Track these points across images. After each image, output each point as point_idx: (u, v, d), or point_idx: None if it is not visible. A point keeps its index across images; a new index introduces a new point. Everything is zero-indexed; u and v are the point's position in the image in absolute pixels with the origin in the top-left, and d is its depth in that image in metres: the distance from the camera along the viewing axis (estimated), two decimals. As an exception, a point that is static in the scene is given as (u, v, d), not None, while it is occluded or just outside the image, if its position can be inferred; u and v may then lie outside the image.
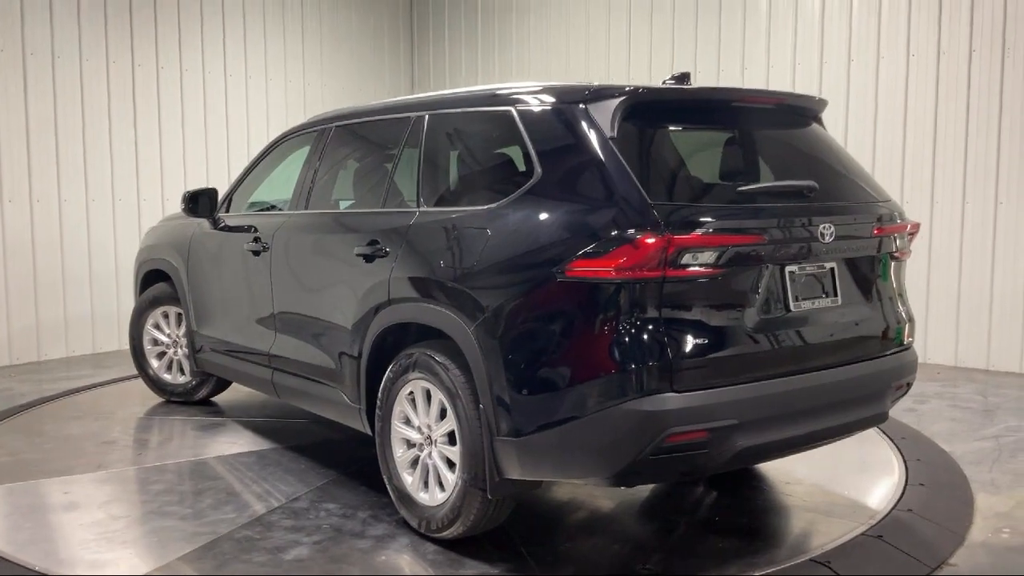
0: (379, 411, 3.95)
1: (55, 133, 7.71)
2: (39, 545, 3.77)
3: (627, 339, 3.06)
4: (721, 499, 4.31)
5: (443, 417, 3.66)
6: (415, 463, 3.83)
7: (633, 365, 3.04)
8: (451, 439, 3.61)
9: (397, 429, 3.89)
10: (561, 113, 3.47)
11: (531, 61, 9.65)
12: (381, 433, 3.95)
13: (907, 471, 4.60)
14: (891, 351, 3.76)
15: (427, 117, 4.08)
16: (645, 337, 3.06)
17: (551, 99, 3.55)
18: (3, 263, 7.47)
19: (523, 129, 3.56)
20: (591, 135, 3.32)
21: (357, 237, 4.14)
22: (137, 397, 6.29)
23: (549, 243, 3.26)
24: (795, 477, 4.52)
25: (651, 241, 3.03)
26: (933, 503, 4.23)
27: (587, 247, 3.11)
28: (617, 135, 3.30)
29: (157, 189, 8.37)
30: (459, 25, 10.31)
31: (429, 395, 3.73)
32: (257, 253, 4.89)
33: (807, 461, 4.60)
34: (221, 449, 5.13)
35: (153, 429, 5.66)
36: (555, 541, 3.79)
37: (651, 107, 3.48)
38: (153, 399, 6.19)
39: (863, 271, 3.69)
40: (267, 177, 5.39)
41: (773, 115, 3.86)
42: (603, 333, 3.09)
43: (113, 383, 6.83)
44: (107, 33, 8.00)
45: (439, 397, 3.65)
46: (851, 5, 7.50)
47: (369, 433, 4.12)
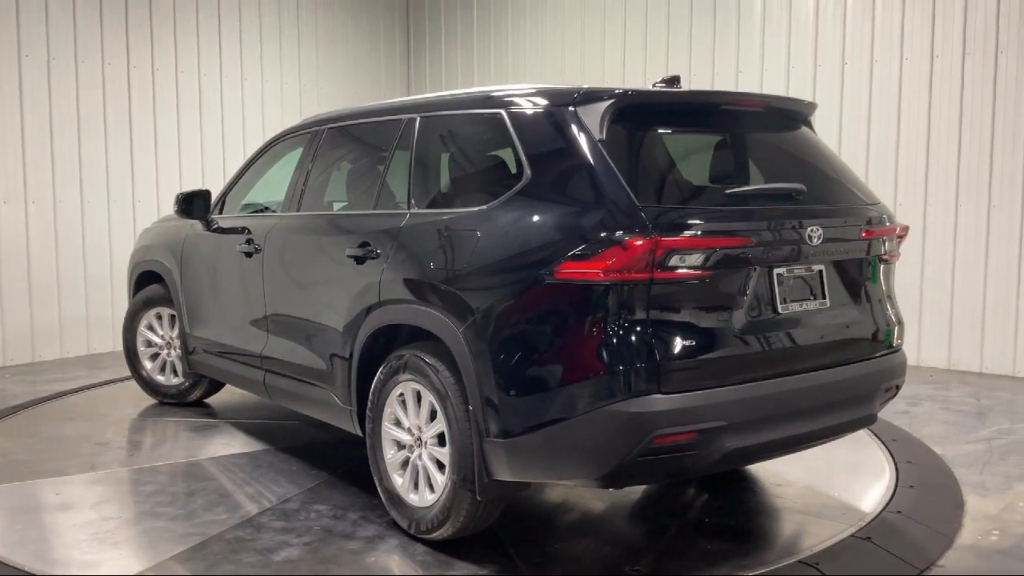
0: (370, 412, 3.96)
1: (50, 134, 7.72)
2: (30, 545, 3.78)
3: (615, 341, 3.07)
4: (712, 501, 4.32)
5: (433, 418, 3.67)
6: (405, 464, 3.84)
7: (621, 367, 3.05)
8: (441, 440, 3.62)
9: (387, 430, 3.90)
10: (550, 116, 3.48)
11: (526, 64, 9.66)
12: (372, 435, 3.96)
13: (897, 473, 4.62)
14: (880, 353, 3.77)
15: (418, 119, 4.10)
16: (633, 339, 3.07)
17: (540, 102, 3.56)
18: (-2, 264, 7.50)
19: (513, 131, 3.57)
20: (580, 138, 3.34)
21: (348, 239, 4.15)
22: (130, 398, 6.29)
23: (538, 245, 3.27)
24: (786, 479, 4.53)
25: (639, 243, 3.04)
26: (923, 505, 4.24)
27: (575, 249, 3.12)
28: (606, 137, 3.32)
29: (152, 190, 8.38)
30: (455, 28, 10.33)
31: (419, 397, 3.74)
32: (250, 255, 4.90)
33: (798, 463, 4.62)
34: (213, 450, 5.13)
35: (146, 430, 5.67)
36: (545, 542, 3.80)
37: (640, 110, 3.49)
38: (146, 400, 6.20)
39: (852, 274, 3.70)
40: (260, 179, 5.40)
41: (762, 118, 3.88)
42: (591, 335, 3.10)
43: (107, 384, 6.84)
44: (103, 34, 8.01)
45: (429, 399, 3.65)
46: (845, 8, 7.53)
47: (360, 435, 4.13)
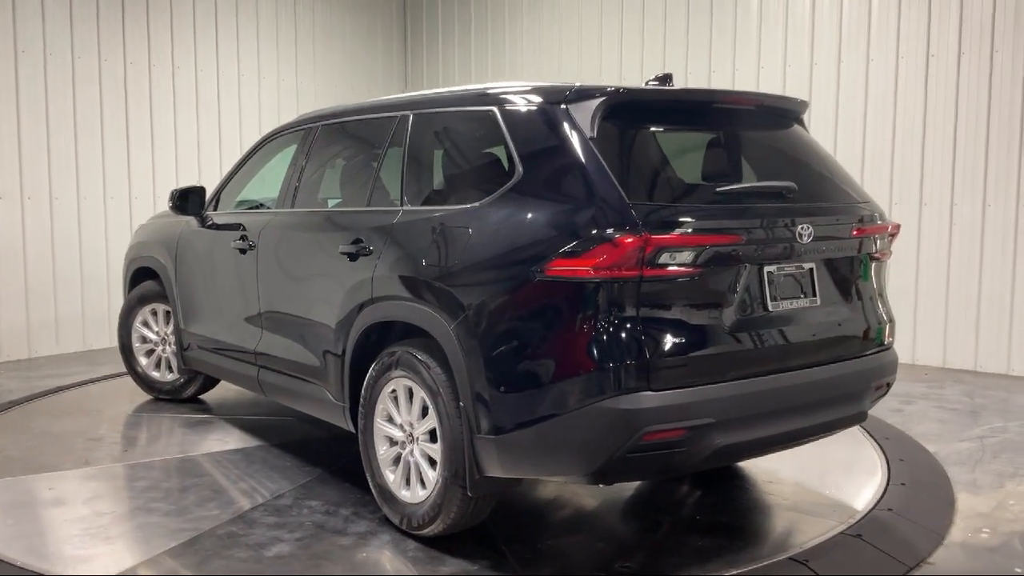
0: (362, 409, 3.97)
1: (46, 130, 7.72)
2: (23, 540, 3.79)
3: (604, 338, 3.08)
4: (704, 498, 4.33)
5: (425, 415, 3.68)
6: (397, 460, 3.85)
7: (610, 364, 3.06)
8: (433, 437, 3.63)
9: (380, 427, 3.90)
10: (542, 113, 3.49)
11: (523, 61, 9.67)
12: (364, 431, 3.97)
13: (889, 471, 4.63)
14: (871, 351, 3.78)
15: (411, 116, 4.10)
16: (622, 336, 3.08)
17: (532, 99, 3.57)
18: (-6, 259, 7.50)
19: (505, 129, 3.57)
20: (571, 135, 3.34)
21: (342, 235, 4.15)
22: (126, 394, 6.30)
23: (528, 243, 3.28)
24: (777, 476, 4.54)
25: (629, 240, 3.05)
26: (914, 503, 4.25)
27: (566, 246, 3.13)
28: (597, 135, 3.32)
29: (149, 187, 8.38)
30: (452, 25, 10.33)
31: (411, 393, 3.75)
32: (244, 251, 4.91)
33: (790, 461, 4.63)
34: (207, 446, 5.14)
35: (140, 426, 5.68)
36: (537, 539, 3.81)
37: (632, 108, 3.49)
38: (142, 396, 6.21)
39: (843, 272, 3.71)
40: (254, 175, 5.41)
41: (754, 116, 3.88)
42: (581, 332, 3.10)
43: (102, 380, 6.84)
44: (99, 30, 8.01)
45: (421, 395, 3.66)
46: (841, 7, 7.53)
47: (352, 431, 4.13)
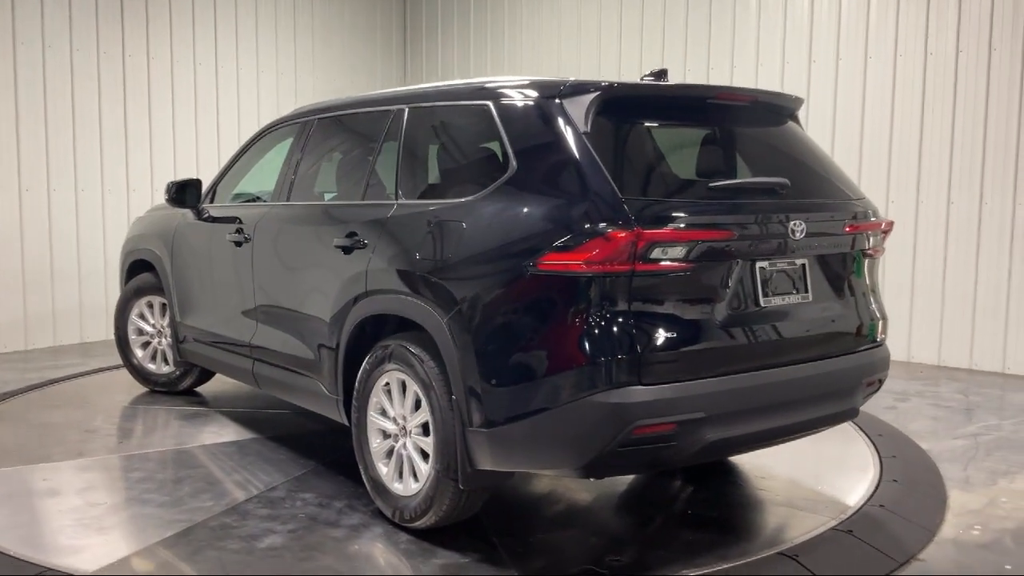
0: (356, 402, 3.98)
1: (45, 122, 7.73)
2: (16, 530, 3.80)
3: (596, 332, 3.09)
4: (697, 493, 4.34)
5: (418, 408, 3.69)
6: (390, 453, 3.86)
7: (601, 358, 3.07)
8: (425, 430, 3.64)
9: (373, 420, 3.92)
10: (536, 108, 3.50)
11: (522, 56, 9.67)
12: (357, 424, 3.98)
13: (882, 467, 4.64)
14: (863, 347, 3.79)
15: (407, 110, 4.11)
16: (614, 330, 3.09)
17: (527, 94, 3.57)
18: (-9, 251, 7.51)
19: (499, 123, 3.58)
20: (565, 130, 3.35)
21: (336, 229, 4.16)
22: (121, 386, 6.31)
23: (521, 237, 3.29)
24: (770, 472, 4.55)
25: (621, 235, 3.05)
26: (906, 499, 4.26)
27: (558, 241, 3.14)
28: (591, 130, 3.33)
29: (147, 179, 8.39)
30: (451, 20, 10.33)
31: (404, 386, 3.75)
32: (239, 244, 4.92)
33: (783, 457, 4.64)
34: (202, 438, 5.15)
35: (136, 418, 5.69)
36: (529, 532, 3.82)
37: (625, 103, 3.50)
38: (138, 389, 6.22)
39: (835, 268, 3.72)
40: (251, 168, 5.42)
41: (748, 113, 3.89)
42: (573, 326, 3.11)
43: (98, 372, 6.86)
44: (98, 23, 8.01)
45: (414, 388, 3.67)
46: (840, 5, 7.53)
47: (346, 424, 4.14)
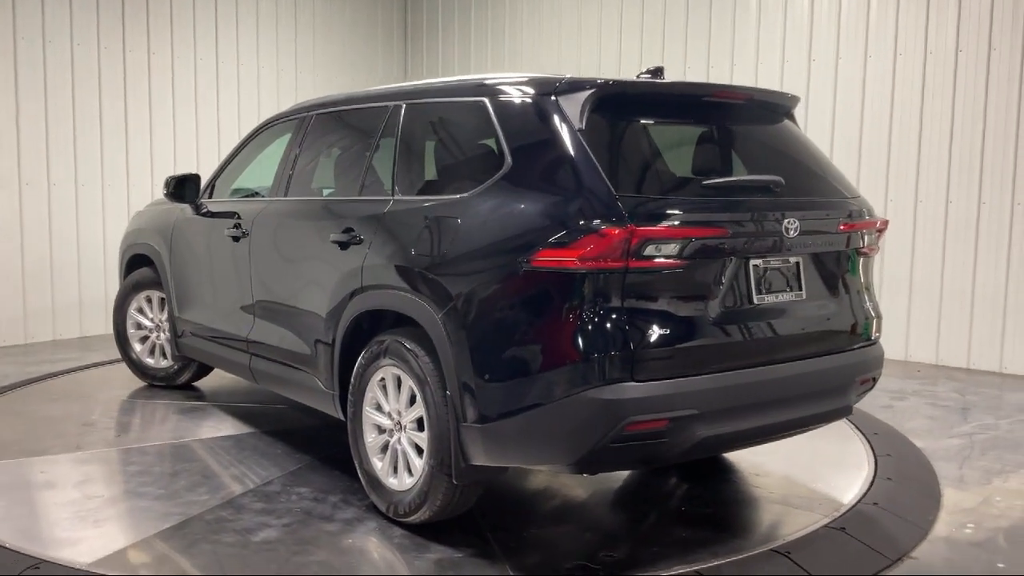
0: (351, 397, 3.99)
1: (45, 117, 7.74)
2: (13, 522, 3.82)
3: (589, 328, 3.10)
4: (692, 490, 4.36)
5: (413, 403, 3.70)
6: (385, 448, 3.87)
7: (594, 354, 3.08)
8: (420, 425, 3.65)
9: (368, 415, 3.93)
10: (532, 104, 3.50)
11: (523, 53, 9.67)
12: (353, 419, 3.99)
13: (876, 466, 4.65)
14: (856, 346, 3.80)
15: (404, 106, 4.12)
16: (607, 327, 3.10)
17: (522, 90, 3.58)
18: (-9, 245, 7.53)
19: (495, 119, 3.59)
20: (560, 127, 3.36)
21: (333, 224, 4.17)
22: (120, 381, 6.33)
23: (515, 233, 3.29)
24: (764, 470, 4.57)
25: (615, 232, 3.06)
26: (899, 497, 4.27)
27: (552, 237, 3.15)
28: (586, 127, 3.34)
29: (147, 174, 8.41)
30: (452, 16, 10.33)
31: (400, 382, 3.77)
32: (237, 239, 4.93)
33: (778, 454, 4.66)
34: (199, 432, 5.17)
35: (133, 412, 5.71)
36: (523, 528, 3.84)
37: (621, 100, 3.51)
38: (136, 383, 6.24)
39: (829, 266, 3.73)
40: (249, 164, 5.43)
41: (744, 111, 3.89)
42: (566, 322, 3.12)
43: (97, 367, 6.88)
44: (98, 18, 8.03)
45: (409, 383, 3.69)
46: (840, 3, 7.53)
47: (342, 419, 4.16)
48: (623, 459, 3.41)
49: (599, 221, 3.09)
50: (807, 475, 4.54)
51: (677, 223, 3.20)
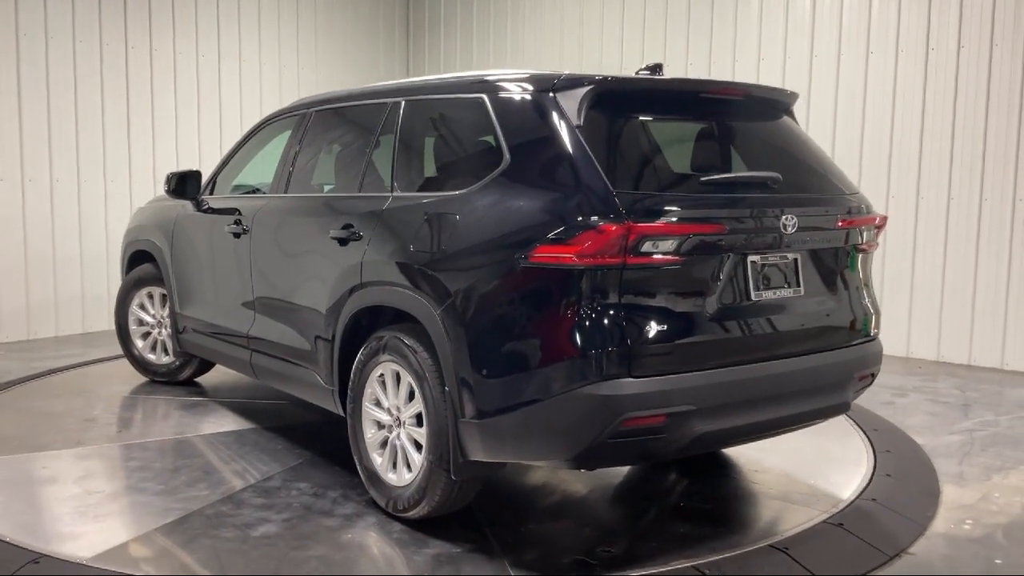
0: (351, 392, 4.00)
1: (47, 113, 7.76)
2: (14, 517, 3.84)
3: (587, 324, 3.11)
4: (691, 486, 4.36)
5: (411, 399, 3.71)
6: (385, 444, 3.88)
7: (592, 350, 3.09)
8: (419, 421, 3.67)
9: (368, 410, 3.94)
10: (530, 101, 3.51)
11: (525, 49, 9.67)
12: (352, 414, 4.00)
13: (875, 462, 4.65)
14: (855, 342, 3.80)
15: (403, 103, 4.13)
16: (605, 323, 3.11)
17: (521, 87, 3.58)
18: (-6, 241, 7.55)
19: (494, 116, 3.60)
20: (558, 123, 3.36)
21: (332, 221, 4.18)
22: (122, 377, 6.35)
23: (513, 229, 3.30)
24: (764, 466, 4.57)
25: (612, 228, 3.07)
26: (898, 493, 4.28)
27: (550, 233, 3.16)
28: (584, 123, 3.34)
29: (149, 171, 8.42)
30: (454, 13, 10.33)
31: (399, 377, 3.78)
32: (238, 235, 4.94)
33: (777, 450, 4.66)
34: (200, 428, 5.19)
35: (135, 407, 5.73)
36: (521, 523, 3.85)
37: (620, 96, 3.51)
38: (138, 379, 6.26)
39: (827, 262, 3.73)
40: (250, 160, 5.44)
41: (743, 107, 3.89)
42: (564, 318, 3.13)
43: (99, 362, 6.90)
44: (101, 15, 8.04)
45: (408, 379, 3.70)
46: (842, 1, 7.52)
47: (342, 414, 4.17)
48: (621, 455, 3.41)
49: (597, 217, 3.10)
50: (806, 471, 4.55)
51: (675, 219, 3.20)
